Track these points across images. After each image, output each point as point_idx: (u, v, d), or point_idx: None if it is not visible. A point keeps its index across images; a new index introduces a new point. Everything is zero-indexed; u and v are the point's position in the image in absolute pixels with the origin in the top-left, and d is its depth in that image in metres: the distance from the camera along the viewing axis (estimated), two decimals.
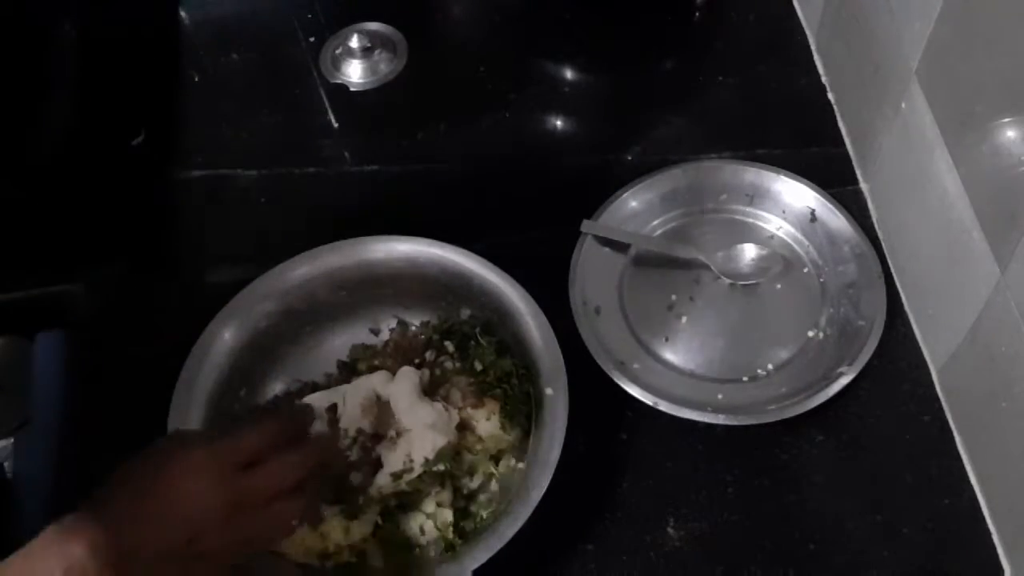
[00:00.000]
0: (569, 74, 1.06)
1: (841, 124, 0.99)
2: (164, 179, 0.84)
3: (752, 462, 0.80)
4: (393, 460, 0.73)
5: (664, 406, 0.79)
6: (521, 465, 0.75)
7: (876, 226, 0.91)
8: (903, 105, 0.81)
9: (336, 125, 1.00)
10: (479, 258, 0.80)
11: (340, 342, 0.84)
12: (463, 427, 0.77)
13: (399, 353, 0.83)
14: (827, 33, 1.01)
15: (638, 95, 1.03)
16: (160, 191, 0.91)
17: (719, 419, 0.79)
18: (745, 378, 0.83)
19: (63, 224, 0.94)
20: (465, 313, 0.83)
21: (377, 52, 0.99)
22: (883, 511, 0.77)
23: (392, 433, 0.75)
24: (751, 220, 0.93)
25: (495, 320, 0.81)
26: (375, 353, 0.84)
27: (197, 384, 0.76)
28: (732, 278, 0.88)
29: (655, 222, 0.93)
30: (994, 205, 0.69)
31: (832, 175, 0.94)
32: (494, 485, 0.76)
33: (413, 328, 0.85)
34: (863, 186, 0.94)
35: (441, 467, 0.73)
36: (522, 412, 0.77)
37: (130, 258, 0.93)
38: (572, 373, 0.75)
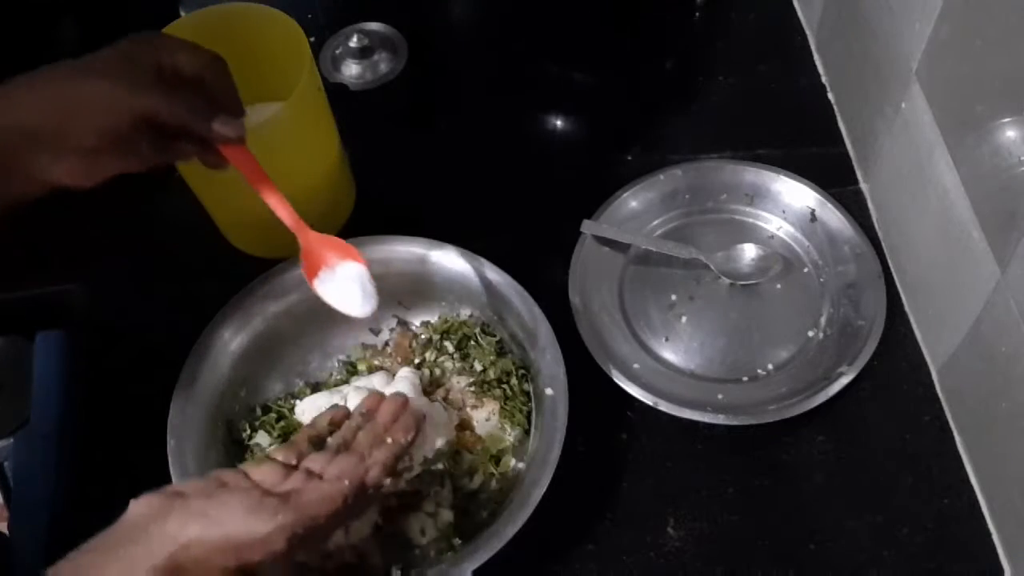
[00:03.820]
0: (569, 74, 1.06)
1: (841, 124, 0.99)
2: (164, 179, 0.84)
3: (752, 462, 0.80)
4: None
5: (664, 406, 0.79)
6: (521, 465, 0.75)
7: (876, 226, 0.91)
8: (903, 105, 0.81)
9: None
10: (479, 258, 0.81)
11: (340, 342, 0.85)
12: (463, 427, 0.77)
13: (399, 353, 0.83)
14: (827, 33, 1.01)
15: (638, 95, 1.03)
16: (160, 191, 0.91)
17: (719, 419, 0.79)
18: (745, 378, 0.83)
19: (63, 224, 0.94)
20: (465, 313, 0.83)
21: (377, 52, 0.99)
22: (883, 511, 0.77)
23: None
24: (751, 220, 0.93)
25: (495, 320, 0.81)
26: (375, 353, 0.84)
27: (197, 384, 0.76)
28: (732, 278, 0.88)
29: (655, 222, 0.93)
30: (994, 205, 0.69)
31: (832, 175, 0.94)
32: (494, 485, 0.76)
33: (413, 328, 0.85)
34: (863, 186, 0.94)
35: (440, 466, 0.73)
36: (522, 412, 0.77)
37: (130, 258, 0.93)
38: (572, 373, 0.75)
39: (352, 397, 0.76)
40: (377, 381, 0.79)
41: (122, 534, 0.55)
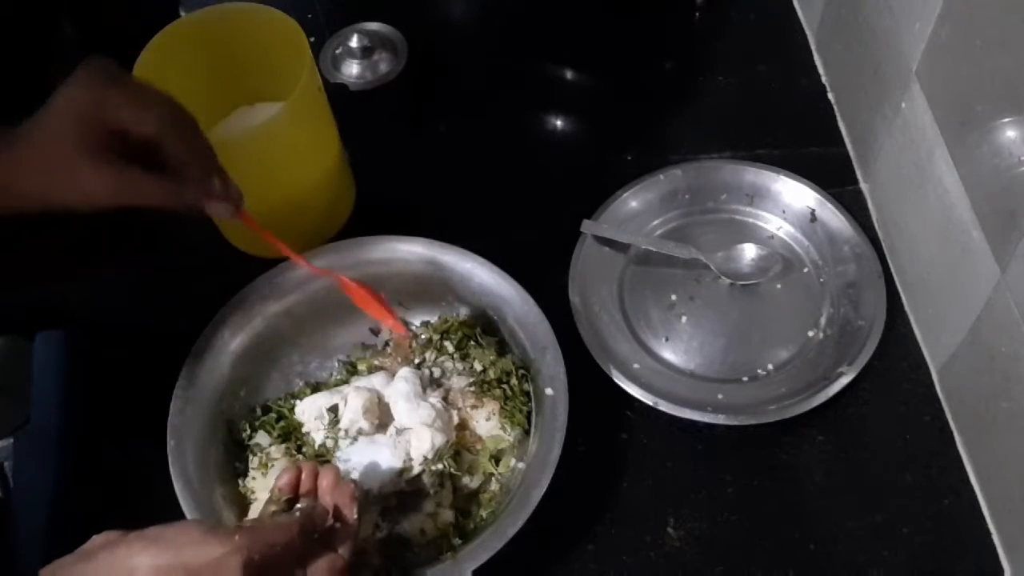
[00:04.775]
0: (569, 74, 1.06)
1: (841, 124, 0.99)
2: None
3: (752, 462, 0.80)
4: (393, 459, 0.73)
5: (664, 406, 0.79)
6: (521, 465, 0.75)
7: (876, 226, 0.91)
8: (903, 105, 0.81)
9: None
10: (479, 258, 0.81)
11: (340, 342, 0.85)
12: (463, 427, 0.77)
13: (399, 353, 0.83)
14: (827, 33, 1.01)
15: (638, 95, 1.03)
16: None
17: (719, 419, 0.79)
18: (745, 378, 0.83)
19: (63, 224, 0.94)
20: (465, 313, 0.83)
21: (377, 52, 0.98)
22: (883, 511, 0.77)
23: (392, 432, 0.75)
24: (751, 220, 0.93)
25: (495, 320, 0.81)
26: (375, 353, 0.84)
27: (197, 384, 0.76)
28: (732, 278, 0.88)
29: (655, 222, 0.93)
30: (994, 205, 0.69)
31: (832, 175, 0.94)
32: (494, 485, 0.76)
33: (413, 328, 0.85)
34: (863, 186, 0.94)
35: (440, 466, 0.73)
36: (522, 412, 0.77)
37: (130, 258, 0.93)
38: (572, 373, 0.75)
39: (352, 397, 0.76)
40: (377, 381, 0.79)
41: (71, 561, 0.55)
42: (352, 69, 0.98)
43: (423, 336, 0.84)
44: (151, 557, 0.54)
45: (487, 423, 0.77)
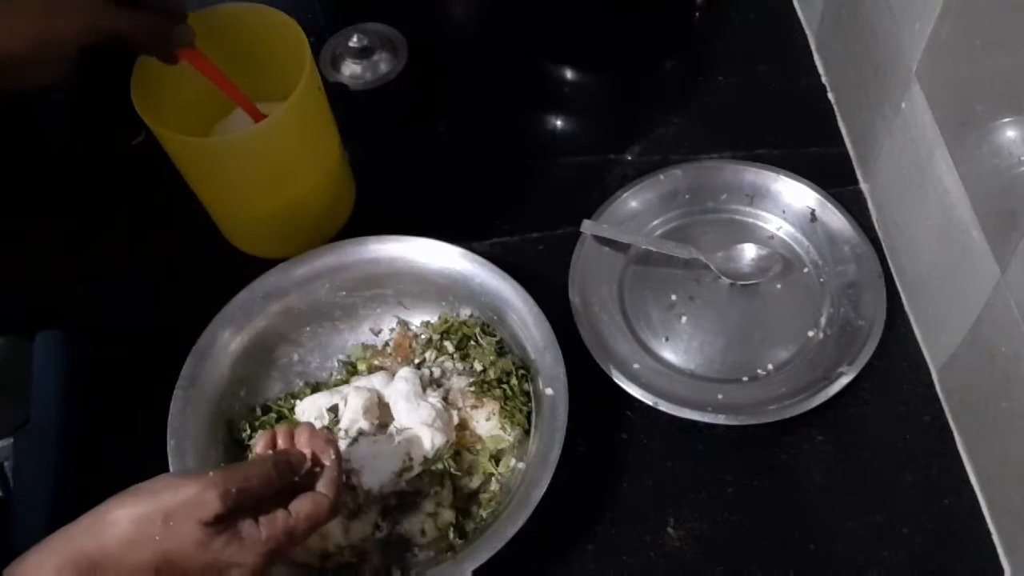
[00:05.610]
0: (569, 74, 1.06)
1: (841, 124, 0.99)
2: (164, 179, 0.84)
3: (752, 462, 0.80)
4: (393, 459, 0.73)
5: (664, 406, 0.79)
6: (521, 465, 0.75)
7: (876, 226, 0.91)
8: (903, 105, 0.81)
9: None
10: (479, 258, 0.81)
11: (340, 342, 0.85)
12: (463, 427, 0.77)
13: (399, 353, 0.83)
14: (827, 33, 1.01)
15: (638, 95, 1.03)
16: (160, 191, 0.91)
17: (719, 419, 0.79)
18: (745, 378, 0.83)
19: (63, 223, 0.94)
20: (465, 313, 0.83)
21: (377, 52, 0.98)
22: (883, 511, 0.77)
23: (392, 432, 0.75)
24: (751, 220, 0.93)
25: (495, 320, 0.81)
26: (375, 353, 0.84)
27: (197, 384, 0.76)
28: (732, 278, 0.88)
29: (655, 222, 0.93)
30: (994, 205, 0.69)
31: (832, 175, 0.94)
32: (494, 485, 0.76)
33: (413, 328, 0.85)
34: (863, 186, 0.94)
35: (440, 466, 0.73)
36: (522, 412, 0.77)
37: (130, 258, 0.93)
38: (572, 373, 0.75)
39: (352, 397, 0.76)
40: (377, 381, 0.79)
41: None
42: (352, 69, 0.98)
43: (423, 336, 0.84)
44: (128, 508, 0.55)
45: (487, 423, 0.77)
